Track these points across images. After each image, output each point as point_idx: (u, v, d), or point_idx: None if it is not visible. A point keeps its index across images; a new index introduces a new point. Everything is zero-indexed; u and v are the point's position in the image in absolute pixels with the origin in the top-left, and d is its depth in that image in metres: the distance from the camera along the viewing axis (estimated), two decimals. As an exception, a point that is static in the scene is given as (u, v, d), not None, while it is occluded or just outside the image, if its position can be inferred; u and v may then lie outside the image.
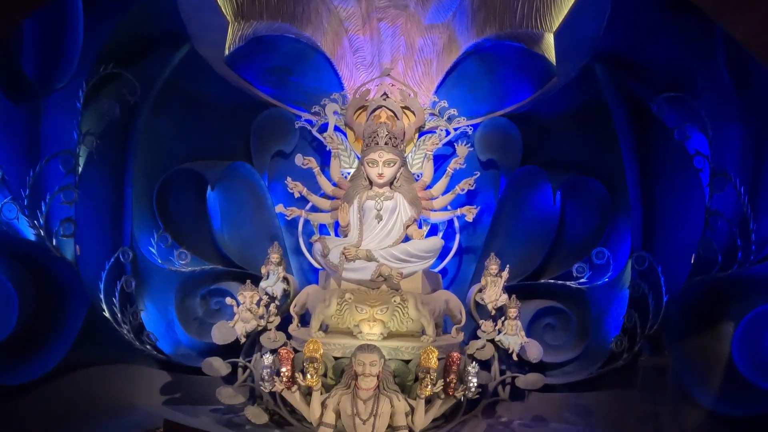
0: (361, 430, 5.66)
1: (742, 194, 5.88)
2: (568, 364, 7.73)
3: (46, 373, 6.22)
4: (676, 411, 5.42)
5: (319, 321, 6.58)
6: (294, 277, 7.64)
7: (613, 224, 7.59)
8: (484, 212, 8.15)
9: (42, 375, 6.19)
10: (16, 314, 5.97)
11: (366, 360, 5.66)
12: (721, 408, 5.49)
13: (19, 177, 6.13)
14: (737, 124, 6.20)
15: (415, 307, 6.47)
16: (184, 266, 7.69)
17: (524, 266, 7.78)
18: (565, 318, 7.84)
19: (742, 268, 5.73)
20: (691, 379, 5.75)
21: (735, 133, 6.23)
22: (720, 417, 5.46)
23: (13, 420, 5.98)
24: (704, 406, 5.59)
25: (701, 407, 5.61)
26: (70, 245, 6.55)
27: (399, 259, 6.73)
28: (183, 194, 7.95)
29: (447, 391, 5.85)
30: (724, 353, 5.76)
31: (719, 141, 6.22)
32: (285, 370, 5.87)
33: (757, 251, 5.74)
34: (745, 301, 5.76)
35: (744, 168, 6.11)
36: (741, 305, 5.79)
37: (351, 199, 7.18)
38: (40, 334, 6.41)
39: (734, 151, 6.22)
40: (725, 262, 5.91)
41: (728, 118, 6.23)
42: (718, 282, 5.98)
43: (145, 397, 7.42)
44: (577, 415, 7.26)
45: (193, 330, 7.91)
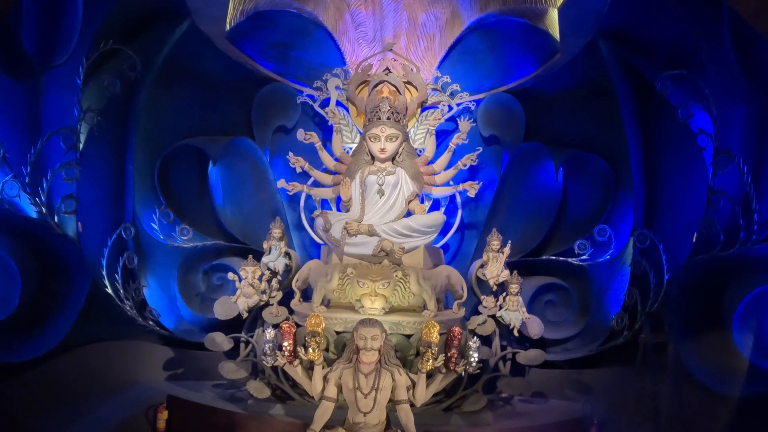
0: (363, 404, 5.68)
1: (745, 173, 5.86)
2: (568, 341, 7.78)
3: (49, 350, 6.30)
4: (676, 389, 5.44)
5: (321, 295, 6.59)
6: (296, 252, 7.66)
7: (616, 202, 7.59)
8: (487, 188, 8.16)
9: (45, 352, 6.27)
10: (19, 292, 6.03)
11: (368, 334, 5.66)
12: (720, 387, 5.52)
13: (20, 154, 6.16)
14: (742, 104, 6.18)
15: (417, 281, 6.47)
16: (186, 242, 7.72)
17: (526, 242, 7.81)
18: (566, 295, 7.87)
19: (744, 247, 5.73)
20: (691, 358, 5.78)
21: (739, 113, 6.21)
22: (719, 396, 5.49)
23: (18, 397, 6.04)
24: (703, 385, 5.62)
25: (700, 386, 5.64)
26: (72, 222, 6.58)
27: (401, 234, 6.75)
28: (184, 170, 7.97)
29: (448, 366, 5.85)
30: (725, 333, 5.77)
31: (723, 120, 6.20)
32: (287, 345, 5.87)
33: (760, 231, 5.74)
34: (747, 281, 5.77)
35: (747, 147, 6.09)
36: (742, 285, 5.80)
37: (353, 173, 7.18)
38: (43, 312, 6.47)
39: (738, 130, 6.20)
40: (727, 242, 5.91)
41: (733, 97, 6.21)
42: (719, 261, 5.98)
43: (148, 373, 7.51)
44: (577, 391, 7.34)
45: (195, 305, 7.97)
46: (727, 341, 5.71)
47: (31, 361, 6.15)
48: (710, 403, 5.57)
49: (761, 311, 5.60)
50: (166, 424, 6.53)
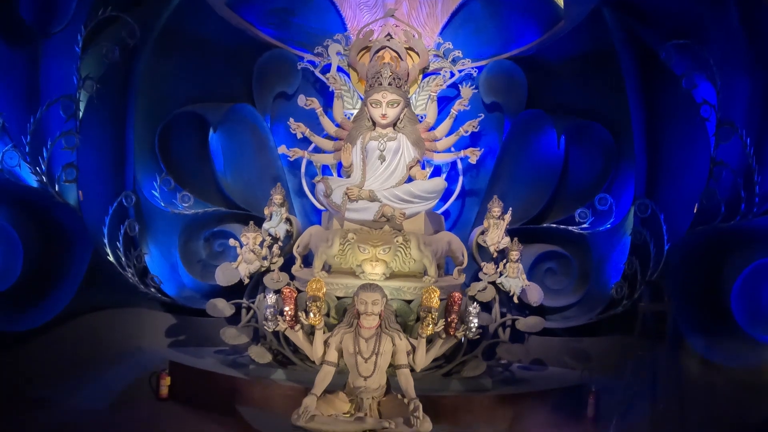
0: (363, 369, 5.72)
1: (747, 146, 5.83)
2: (568, 309, 7.82)
3: (51, 319, 6.35)
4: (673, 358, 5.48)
5: (322, 261, 6.61)
6: (297, 218, 7.68)
7: (617, 170, 7.57)
8: (488, 155, 8.13)
9: (48, 321, 6.32)
10: (21, 261, 6.06)
11: (368, 299, 5.69)
12: (717, 358, 5.55)
13: (19, 124, 6.14)
14: (746, 75, 6.13)
15: (418, 247, 6.49)
16: (187, 209, 7.72)
17: (527, 210, 7.80)
18: (566, 263, 7.90)
19: (744, 219, 5.73)
20: (689, 328, 5.81)
21: (743, 84, 6.17)
22: (716, 366, 5.53)
23: (22, 366, 6.12)
24: (701, 355, 5.66)
25: (698, 356, 5.68)
26: (73, 190, 6.57)
27: (402, 200, 6.76)
28: (185, 137, 7.95)
29: (448, 331, 5.87)
30: (723, 304, 5.78)
31: (727, 91, 6.15)
32: (288, 310, 5.89)
33: (761, 203, 5.73)
34: (746, 253, 5.77)
35: (751, 119, 6.06)
36: (742, 257, 5.80)
37: (354, 139, 7.17)
38: (45, 280, 6.51)
39: (742, 102, 6.16)
40: (728, 213, 5.91)
41: (737, 68, 6.15)
42: (720, 232, 5.98)
43: (150, 340, 7.59)
44: (576, 359, 7.40)
45: (196, 272, 8.01)
46: (726, 312, 5.73)
47: (34, 329, 6.21)
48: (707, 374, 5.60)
49: (760, 284, 5.61)
50: (168, 390, 6.61)
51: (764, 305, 5.61)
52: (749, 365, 5.36)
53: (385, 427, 5.46)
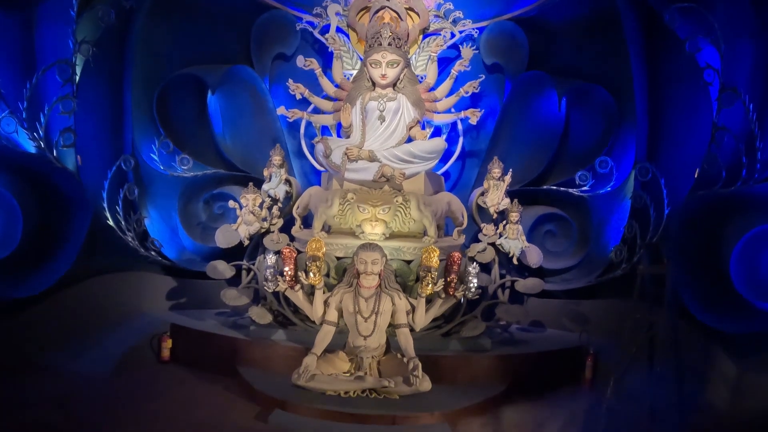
0: (363, 328, 5.78)
1: (750, 111, 5.75)
2: (567, 272, 7.83)
3: (52, 285, 6.34)
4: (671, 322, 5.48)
5: (322, 221, 6.61)
6: (296, 179, 7.65)
7: (618, 134, 7.50)
8: (488, 116, 8.09)
9: (49, 286, 6.31)
10: (21, 228, 6.03)
11: (368, 258, 5.72)
12: (714, 323, 5.55)
13: (15, 90, 6.07)
14: (751, 40, 6.00)
15: (417, 207, 6.48)
16: (186, 172, 7.70)
17: (527, 172, 7.76)
18: (566, 225, 7.89)
19: (745, 185, 5.67)
20: (688, 293, 5.80)
21: (747, 50, 6.04)
22: (713, 331, 5.54)
23: (25, 332, 6.13)
24: (698, 320, 5.66)
25: (695, 321, 5.68)
26: (71, 155, 6.53)
27: (402, 160, 6.73)
28: (183, 99, 7.88)
29: (447, 291, 5.92)
30: (722, 269, 5.78)
31: (731, 56, 6.04)
32: (288, 270, 5.93)
33: (762, 170, 5.66)
34: (746, 219, 5.72)
35: (754, 85, 5.95)
36: (741, 223, 5.75)
37: (353, 100, 7.12)
38: (46, 246, 6.49)
39: (746, 67, 6.05)
40: (729, 179, 5.85)
41: (742, 33, 6.03)
42: (720, 198, 5.93)
43: (151, 303, 7.61)
44: (575, 321, 7.42)
45: (196, 235, 8.02)
46: (724, 278, 5.72)
47: (35, 296, 6.20)
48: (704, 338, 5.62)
49: (759, 250, 5.58)
50: (170, 353, 6.67)
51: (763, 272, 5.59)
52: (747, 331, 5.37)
53: (385, 386, 5.55)
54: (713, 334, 5.55)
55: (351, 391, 5.56)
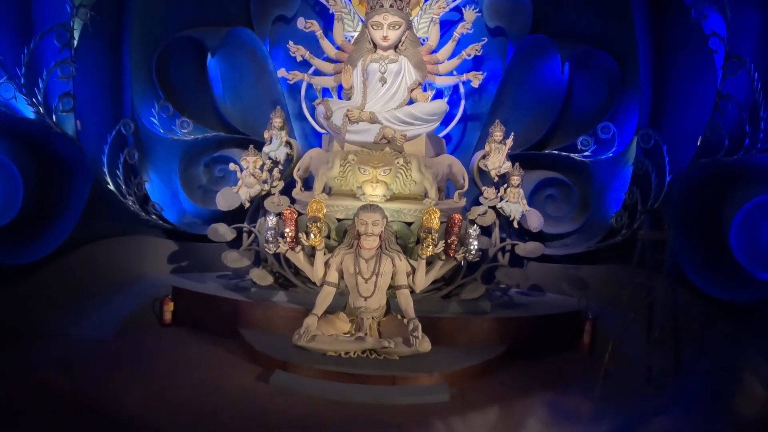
0: (364, 289, 5.80)
1: (755, 80, 5.68)
2: (567, 236, 7.85)
3: (54, 250, 6.34)
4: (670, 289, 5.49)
5: (322, 183, 6.60)
6: (297, 141, 7.62)
7: (622, 100, 7.44)
8: (491, 80, 8.03)
9: (50, 252, 6.31)
10: (22, 194, 6.02)
11: (368, 219, 5.72)
12: (713, 291, 5.56)
13: (13, 56, 5.99)
14: (757, 9, 5.92)
15: (418, 169, 6.46)
16: (186, 135, 7.68)
17: (529, 136, 7.72)
18: (567, 190, 7.89)
19: (748, 154, 5.63)
20: (687, 260, 5.80)
21: (754, 18, 5.96)
22: (711, 299, 5.54)
23: (28, 297, 6.14)
24: (697, 287, 5.68)
25: (694, 288, 5.70)
26: (71, 120, 6.49)
27: (403, 122, 6.71)
28: (183, 62, 7.82)
29: (447, 253, 5.92)
30: (722, 238, 5.78)
31: (737, 24, 5.95)
32: (288, 231, 5.93)
33: (765, 139, 5.61)
34: (748, 188, 5.70)
35: (760, 54, 5.87)
36: (743, 192, 5.73)
37: (355, 62, 7.06)
38: (47, 212, 6.48)
39: (752, 36, 5.97)
40: (731, 147, 5.82)
41: (748, 1, 5.93)
42: (722, 167, 5.90)
43: (153, 267, 7.62)
44: (574, 286, 7.45)
45: (197, 198, 8.03)
46: (724, 247, 5.73)
47: (36, 262, 6.20)
48: (702, 305, 5.63)
49: (760, 220, 5.57)
50: (171, 316, 6.71)
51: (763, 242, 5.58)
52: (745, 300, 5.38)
53: (385, 346, 5.59)
54: (712, 301, 5.56)
55: (351, 351, 5.60)
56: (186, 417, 4.44)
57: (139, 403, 4.62)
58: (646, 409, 4.92)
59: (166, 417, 4.42)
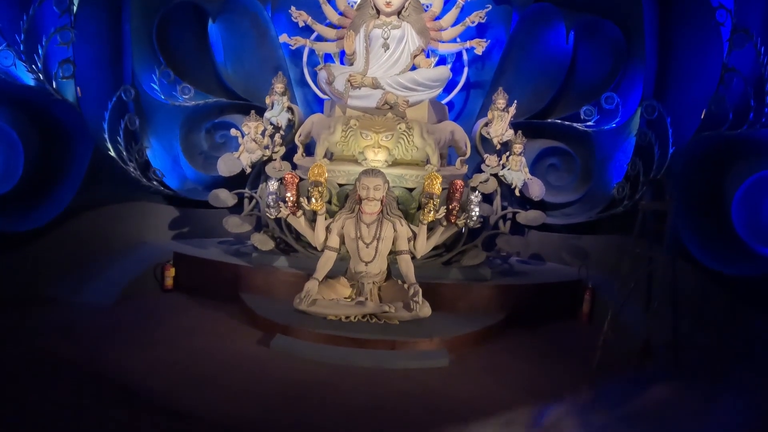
0: (365, 254, 5.82)
1: (761, 54, 5.61)
2: (568, 206, 7.84)
3: (55, 217, 6.35)
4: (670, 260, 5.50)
5: (324, 148, 6.58)
6: (298, 107, 7.58)
7: (626, 70, 7.37)
8: (495, 47, 7.97)
9: (52, 219, 6.31)
10: (22, 161, 6.03)
11: (370, 184, 5.71)
12: (713, 264, 5.54)
13: (12, 22, 5.92)
14: None
15: (421, 135, 6.44)
16: (187, 101, 7.63)
17: (532, 104, 7.69)
18: (569, 159, 7.87)
19: (752, 129, 5.59)
20: (688, 232, 5.80)
21: None
22: (711, 272, 5.53)
23: (28, 265, 6.16)
24: (697, 260, 5.67)
25: (694, 260, 5.69)
26: (71, 87, 6.44)
27: (405, 87, 6.68)
28: (183, 28, 7.74)
29: (449, 219, 5.92)
30: (724, 211, 5.78)
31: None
32: (290, 195, 5.92)
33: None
34: (751, 163, 5.67)
35: (767, 28, 5.83)
36: (746, 167, 5.71)
37: (357, 27, 7.01)
38: (48, 179, 6.47)
39: (759, 9, 5.88)
40: (736, 121, 5.77)
41: None
42: (725, 140, 5.87)
43: (154, 233, 7.65)
44: (574, 256, 7.46)
45: (198, 164, 8.01)
46: (725, 220, 5.72)
47: (38, 228, 6.21)
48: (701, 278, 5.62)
49: (762, 195, 5.56)
50: (173, 281, 6.73)
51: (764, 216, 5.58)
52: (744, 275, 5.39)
53: (385, 311, 5.61)
54: (711, 274, 5.57)
55: (352, 316, 5.63)
56: (187, 381, 4.46)
57: (141, 367, 4.64)
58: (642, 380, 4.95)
59: (167, 381, 4.43)
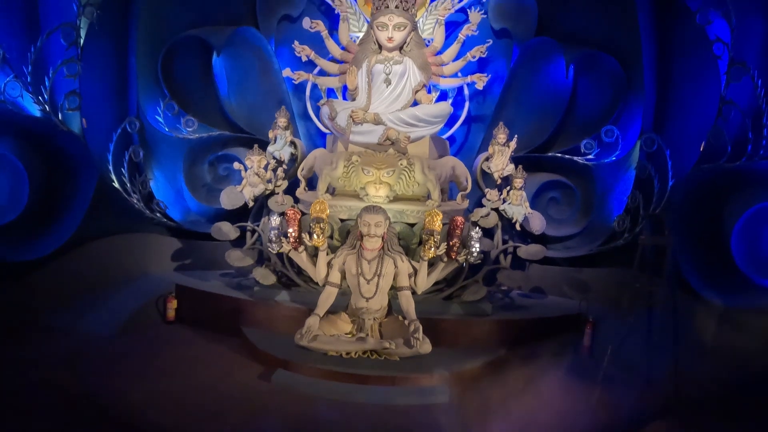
0: (365, 290, 5.82)
1: (759, 87, 5.71)
2: (569, 239, 7.85)
3: (59, 247, 6.40)
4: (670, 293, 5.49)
5: (326, 183, 6.62)
6: (301, 141, 7.64)
7: (626, 103, 7.46)
8: (495, 81, 8.05)
9: (55, 248, 6.37)
10: (27, 191, 6.09)
11: (371, 221, 5.74)
12: (712, 296, 5.59)
13: (20, 54, 6.04)
14: (762, 16, 5.94)
15: (422, 171, 6.49)
16: (191, 133, 7.71)
17: (532, 138, 7.74)
18: (569, 193, 7.91)
19: (750, 161, 5.65)
20: (688, 265, 5.83)
21: (758, 25, 5.98)
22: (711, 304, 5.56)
23: (31, 294, 6.20)
24: (697, 292, 5.69)
25: (694, 292, 5.71)
26: (77, 118, 6.53)
27: (407, 123, 6.73)
28: (188, 61, 7.85)
29: (449, 255, 5.94)
30: (723, 244, 5.79)
31: (741, 30, 5.98)
32: (292, 231, 5.95)
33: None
34: (750, 195, 5.73)
35: (764, 61, 5.90)
36: (745, 199, 5.76)
37: (360, 62, 7.08)
38: (52, 209, 6.54)
39: (756, 42, 5.99)
40: (734, 153, 5.84)
41: (753, 8, 5.96)
42: (725, 172, 5.93)
43: (157, 265, 7.66)
44: (575, 289, 7.46)
45: (201, 196, 8.06)
46: (725, 252, 5.74)
47: (42, 258, 6.26)
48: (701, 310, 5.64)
49: (761, 226, 5.59)
50: (175, 313, 6.72)
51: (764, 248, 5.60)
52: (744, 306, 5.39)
53: (386, 347, 5.61)
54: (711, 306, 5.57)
55: (352, 352, 5.62)
56: (188, 414, 4.47)
57: (142, 399, 4.65)
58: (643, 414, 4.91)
59: (167, 414, 4.44)
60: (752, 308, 5.28)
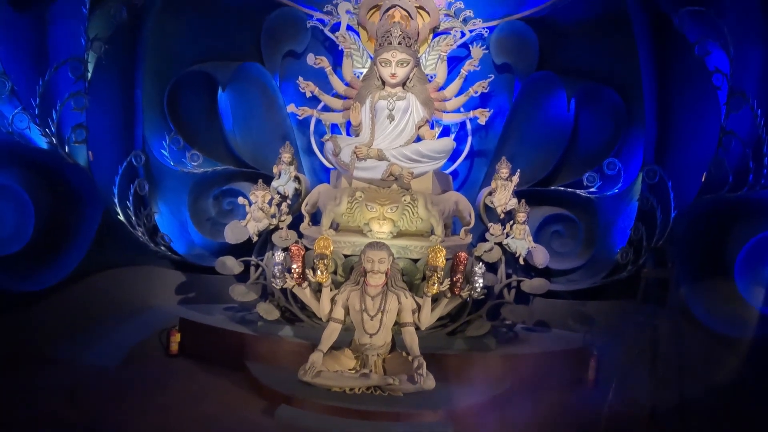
0: (369, 326, 5.82)
1: (758, 117, 5.76)
2: (573, 272, 7.84)
3: (63, 279, 6.43)
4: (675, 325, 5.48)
5: (330, 219, 6.64)
6: (305, 176, 7.67)
7: (627, 136, 7.51)
8: (497, 116, 8.10)
9: (60, 280, 6.40)
10: (33, 222, 6.13)
11: (375, 257, 5.75)
12: (718, 327, 5.56)
13: (28, 87, 6.14)
14: (760, 46, 6.01)
15: (425, 206, 6.52)
16: (196, 167, 7.77)
17: (535, 172, 7.79)
18: (572, 226, 7.92)
19: (752, 191, 5.68)
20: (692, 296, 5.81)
21: (756, 55, 6.05)
22: (716, 336, 5.55)
23: (34, 325, 6.21)
24: (702, 324, 5.67)
25: (699, 324, 5.69)
26: (83, 151, 6.60)
27: (410, 159, 6.76)
28: (194, 96, 7.94)
29: (453, 290, 5.94)
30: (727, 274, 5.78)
31: (740, 60, 6.05)
32: (296, 267, 5.97)
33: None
34: (752, 224, 5.73)
35: (763, 91, 5.96)
36: (747, 228, 5.76)
37: (363, 98, 7.14)
38: (57, 241, 6.57)
39: (755, 72, 6.06)
40: (736, 183, 5.86)
41: (751, 38, 6.03)
42: (726, 202, 5.95)
43: (161, 298, 7.68)
44: (579, 322, 7.42)
45: (206, 230, 8.09)
46: (729, 283, 5.71)
47: (46, 289, 6.29)
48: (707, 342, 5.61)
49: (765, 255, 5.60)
50: (178, 347, 6.72)
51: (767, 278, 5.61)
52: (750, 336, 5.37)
53: (390, 383, 5.58)
54: (716, 337, 5.55)
55: (356, 387, 5.61)
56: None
57: (144, 433, 4.64)
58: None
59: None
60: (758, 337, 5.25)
